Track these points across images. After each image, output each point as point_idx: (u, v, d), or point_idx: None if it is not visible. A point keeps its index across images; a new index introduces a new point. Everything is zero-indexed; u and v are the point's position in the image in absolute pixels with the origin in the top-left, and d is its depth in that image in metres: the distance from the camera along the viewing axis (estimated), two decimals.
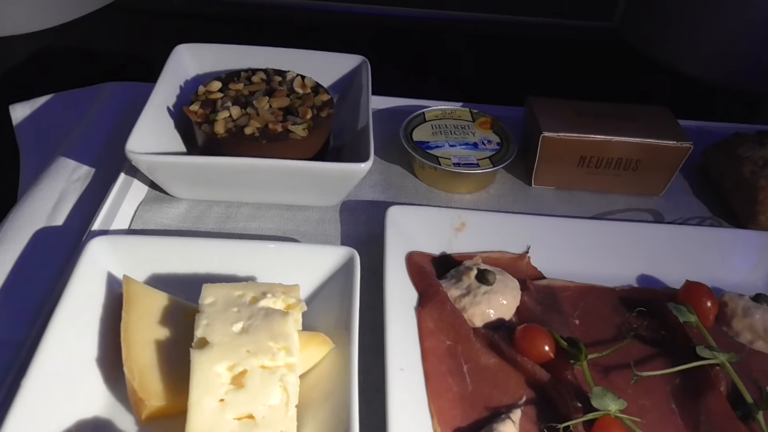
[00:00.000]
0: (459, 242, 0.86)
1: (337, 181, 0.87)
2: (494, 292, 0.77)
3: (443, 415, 0.65)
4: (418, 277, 0.78)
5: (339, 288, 0.74)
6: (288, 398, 0.60)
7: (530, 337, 0.72)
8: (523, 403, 0.68)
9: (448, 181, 0.99)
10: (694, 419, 0.68)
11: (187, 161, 0.86)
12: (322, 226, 0.91)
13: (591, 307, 0.80)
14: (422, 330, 0.73)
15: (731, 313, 0.79)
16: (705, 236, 0.89)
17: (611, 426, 0.63)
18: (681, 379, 0.72)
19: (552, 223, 0.88)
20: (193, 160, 0.86)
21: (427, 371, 0.69)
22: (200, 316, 0.64)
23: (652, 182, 1.02)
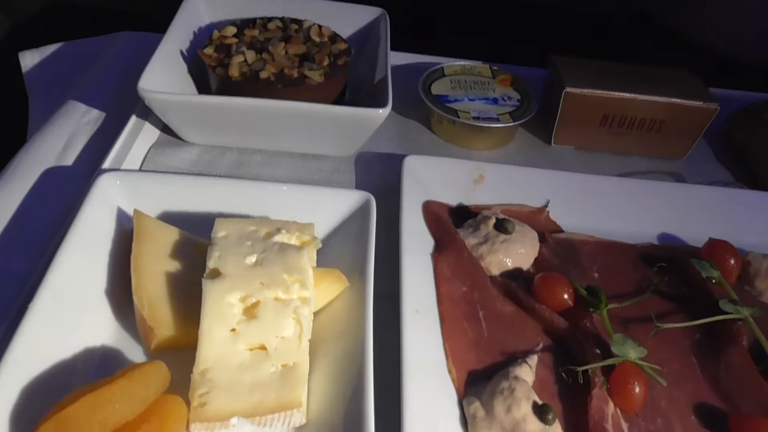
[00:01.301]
0: (477, 194, 0.84)
1: (354, 127, 0.85)
2: (512, 241, 0.75)
3: (458, 356, 0.64)
4: (434, 225, 0.77)
5: (354, 232, 0.72)
6: (301, 331, 0.59)
7: (549, 285, 0.70)
8: (539, 350, 0.67)
9: (466, 135, 0.97)
10: (714, 372, 0.66)
11: (201, 101, 0.84)
12: (336, 176, 0.89)
13: (611, 261, 0.78)
14: (438, 276, 0.71)
15: (755, 273, 0.77)
16: (728, 197, 0.87)
17: (631, 372, 0.61)
18: (701, 333, 0.70)
19: (573, 178, 0.86)
20: (206, 100, 0.84)
21: (443, 315, 0.67)
22: (213, 248, 0.63)
23: (675, 145, 1.00)
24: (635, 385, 0.60)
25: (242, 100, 0.81)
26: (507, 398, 0.58)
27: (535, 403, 0.58)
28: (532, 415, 0.57)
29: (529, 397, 0.58)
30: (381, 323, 0.65)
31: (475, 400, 0.59)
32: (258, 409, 0.54)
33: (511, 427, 0.56)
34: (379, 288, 0.67)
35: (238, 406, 0.54)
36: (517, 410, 0.57)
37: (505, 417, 0.57)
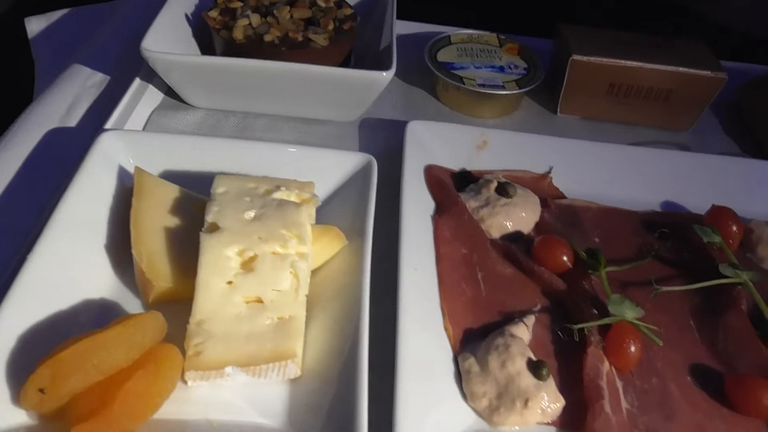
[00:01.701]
0: (480, 160, 0.84)
1: (358, 90, 0.84)
2: (513, 204, 0.74)
3: (455, 315, 0.64)
4: (436, 188, 0.76)
5: (355, 193, 0.72)
6: (298, 284, 0.59)
7: (549, 247, 0.69)
8: (537, 310, 0.67)
9: (471, 103, 0.96)
10: (712, 335, 0.66)
11: (204, 61, 0.84)
12: (339, 141, 0.89)
13: (612, 227, 0.78)
14: (438, 238, 0.71)
15: (757, 240, 0.76)
16: (732, 166, 0.86)
17: (627, 331, 0.61)
18: (701, 297, 0.70)
19: (576, 145, 0.86)
20: (209, 60, 0.84)
21: (441, 274, 0.67)
22: (211, 204, 0.63)
23: (682, 116, 0.98)
24: (630, 344, 0.60)
25: (245, 61, 0.81)
26: (502, 354, 0.58)
27: (529, 359, 0.58)
28: (527, 370, 0.57)
29: (524, 354, 0.58)
30: (379, 282, 0.65)
31: (470, 356, 0.59)
32: (253, 359, 0.54)
33: (505, 382, 0.56)
34: (378, 249, 0.67)
35: (233, 355, 0.54)
36: (512, 366, 0.57)
37: (499, 372, 0.57)
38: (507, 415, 0.55)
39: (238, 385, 0.57)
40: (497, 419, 0.55)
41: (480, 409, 0.56)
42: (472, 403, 0.57)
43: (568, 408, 0.58)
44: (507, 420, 0.55)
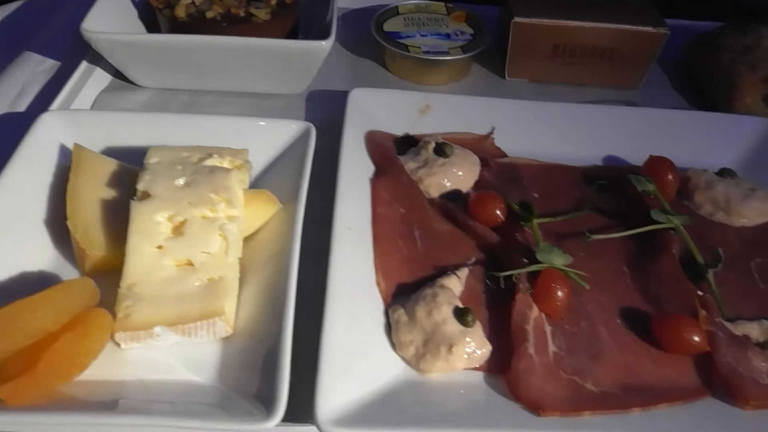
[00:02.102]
0: (423, 124, 0.85)
1: (299, 61, 0.85)
2: (451, 164, 0.75)
3: (388, 271, 0.65)
4: (376, 153, 0.78)
5: (295, 160, 0.73)
6: (228, 246, 0.60)
7: (483, 202, 0.71)
8: (471, 263, 0.68)
9: (418, 70, 0.97)
10: (644, 280, 0.67)
11: (146, 39, 0.85)
12: (286, 112, 0.90)
13: (552, 182, 0.79)
14: (376, 199, 0.72)
15: (694, 187, 0.77)
16: (674, 119, 0.87)
17: (554, 277, 0.62)
18: (635, 244, 0.71)
19: (518, 106, 0.87)
20: (151, 38, 0.86)
21: (376, 234, 0.68)
22: (143, 173, 0.64)
23: (629, 73, 0.99)
24: (558, 289, 0.61)
25: (185, 37, 0.82)
26: (429, 303, 0.59)
27: (456, 307, 0.59)
28: (452, 317, 0.58)
29: (451, 302, 0.59)
30: (315, 245, 0.66)
31: (399, 308, 0.60)
32: (181, 318, 0.56)
33: (431, 329, 0.58)
34: (316, 213, 0.68)
35: (161, 316, 0.56)
36: (438, 314, 0.58)
37: (425, 320, 0.58)
38: (432, 361, 0.56)
39: (171, 345, 0.58)
40: (423, 366, 0.57)
41: (407, 357, 0.58)
42: (400, 351, 0.58)
43: (496, 353, 0.59)
44: (433, 366, 0.56)
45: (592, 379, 0.57)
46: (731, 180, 0.77)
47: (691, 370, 0.59)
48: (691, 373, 0.59)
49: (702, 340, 0.59)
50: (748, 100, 0.91)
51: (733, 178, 0.78)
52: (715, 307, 0.64)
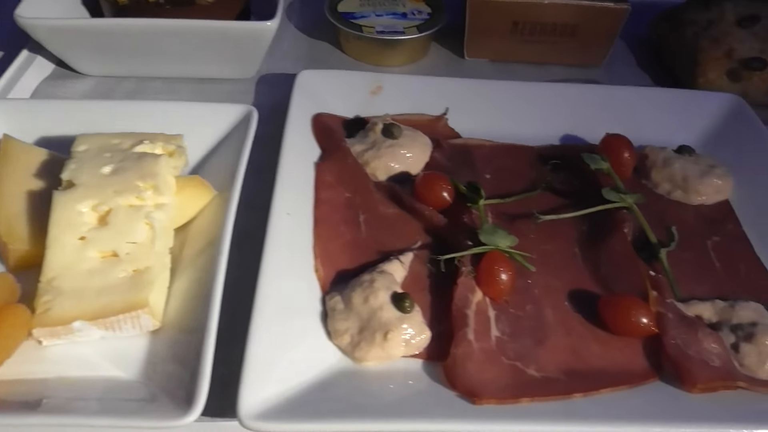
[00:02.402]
0: (374, 105, 0.82)
1: (244, 43, 0.82)
2: (399, 145, 0.73)
3: (328, 257, 0.62)
4: (322, 135, 0.75)
5: (236, 145, 0.70)
6: (154, 235, 0.58)
7: (429, 184, 0.68)
8: (417, 248, 0.65)
9: (373, 52, 0.94)
10: (596, 261, 0.65)
11: (83, 24, 0.82)
12: (235, 97, 0.87)
13: (506, 163, 0.76)
14: (319, 182, 0.69)
15: (651, 165, 0.75)
16: (635, 96, 0.84)
17: (498, 260, 0.60)
18: (588, 224, 0.69)
19: (473, 85, 0.84)
20: (88, 23, 0.82)
21: (318, 218, 0.66)
22: (69, 162, 0.62)
23: (592, 51, 0.97)
24: (501, 272, 0.59)
25: (119, 21, 0.80)
26: (366, 290, 0.57)
27: (394, 292, 0.57)
28: (389, 303, 0.56)
29: (389, 288, 0.57)
30: (254, 233, 0.64)
31: (336, 295, 0.58)
32: (103, 311, 0.53)
33: (368, 316, 0.55)
34: (257, 200, 0.65)
35: (81, 310, 0.53)
36: (374, 300, 0.56)
37: (362, 307, 0.56)
38: (368, 349, 0.54)
39: (96, 341, 0.55)
40: (359, 354, 0.54)
41: (343, 345, 0.55)
42: (335, 340, 0.56)
43: (437, 340, 0.57)
44: (368, 355, 0.54)
45: (535, 364, 0.55)
46: (689, 157, 0.75)
47: (639, 354, 0.57)
48: (639, 357, 0.57)
49: (650, 322, 0.57)
50: (712, 75, 0.89)
51: (691, 155, 0.75)
52: (668, 287, 0.61)
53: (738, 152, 0.78)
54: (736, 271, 0.65)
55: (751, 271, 0.66)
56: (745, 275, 0.65)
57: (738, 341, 0.57)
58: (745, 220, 0.72)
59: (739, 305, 0.60)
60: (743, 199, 0.74)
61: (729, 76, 0.89)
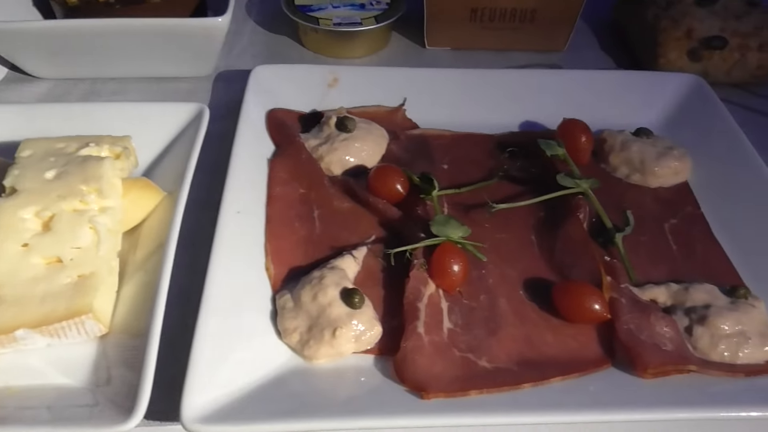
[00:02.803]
0: (331, 98, 0.81)
1: (196, 40, 0.81)
2: (354, 138, 0.72)
3: (280, 254, 0.62)
4: (276, 131, 0.74)
5: (189, 145, 0.69)
6: (99, 239, 0.57)
7: (382, 176, 0.67)
8: (371, 242, 0.65)
9: (332, 44, 0.93)
10: (551, 249, 0.65)
11: (32, 26, 0.80)
12: (191, 96, 0.86)
13: (464, 152, 0.76)
14: (273, 179, 0.69)
15: (609, 149, 0.75)
16: (596, 80, 0.84)
17: (449, 251, 0.59)
18: (545, 212, 0.68)
19: (431, 74, 0.83)
20: (37, 25, 0.81)
21: (270, 216, 0.65)
22: (12, 168, 0.60)
23: (553, 36, 0.96)
24: (453, 263, 0.58)
25: (67, 22, 0.78)
26: (315, 287, 0.56)
27: (344, 288, 0.56)
28: (339, 300, 0.55)
29: (339, 284, 0.56)
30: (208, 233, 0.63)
31: (286, 293, 0.57)
32: (46, 318, 0.52)
33: (317, 313, 0.55)
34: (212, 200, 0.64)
35: (24, 318, 0.52)
36: (323, 297, 0.55)
37: (311, 305, 0.55)
38: (317, 347, 0.53)
39: (43, 348, 0.55)
40: (308, 353, 0.54)
41: (293, 344, 0.55)
42: (285, 339, 0.55)
43: (389, 334, 0.56)
44: (318, 352, 0.53)
45: (487, 355, 0.55)
46: (647, 140, 0.74)
47: (594, 340, 0.57)
48: (593, 343, 0.56)
49: (602, 308, 0.56)
50: (672, 55, 0.88)
51: (649, 138, 0.75)
52: (623, 272, 0.61)
53: (698, 133, 0.78)
54: (692, 254, 0.65)
55: (708, 252, 0.65)
56: (702, 257, 0.65)
57: (692, 324, 0.56)
58: (704, 201, 0.72)
59: (693, 288, 0.59)
60: (702, 181, 0.74)
61: (689, 55, 0.88)
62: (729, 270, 0.63)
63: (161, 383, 0.54)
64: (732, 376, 0.53)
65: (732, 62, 0.88)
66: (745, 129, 0.77)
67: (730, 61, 0.88)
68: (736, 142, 0.73)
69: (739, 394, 0.52)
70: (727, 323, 0.55)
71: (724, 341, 0.55)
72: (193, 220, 0.68)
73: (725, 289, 0.59)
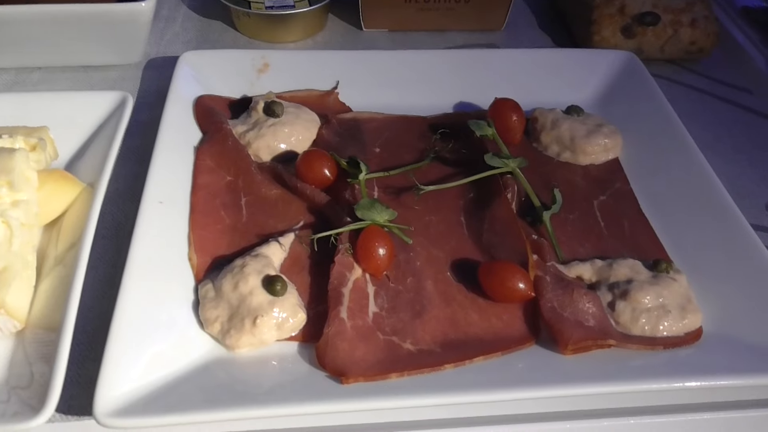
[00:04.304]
0: (262, 84, 0.80)
1: (120, 26, 0.79)
2: (282, 123, 0.71)
3: (204, 244, 0.61)
4: (203, 118, 0.72)
5: (112, 134, 0.67)
6: (11, 233, 0.55)
7: (309, 161, 0.67)
8: (299, 228, 0.64)
9: (267, 28, 0.91)
10: (479, 229, 0.64)
11: None
12: (120, 85, 0.84)
13: (396, 135, 0.75)
14: (199, 167, 0.67)
15: (541, 128, 0.75)
16: (529, 58, 0.84)
17: (375, 235, 0.59)
18: (474, 192, 0.68)
19: (363, 57, 0.82)
20: None
21: (194, 205, 0.64)
22: None
23: (490, 15, 0.95)
24: (378, 247, 0.58)
25: None
26: (236, 275, 0.55)
27: (266, 276, 0.55)
28: (260, 288, 0.54)
29: (261, 272, 0.55)
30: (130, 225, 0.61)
31: (208, 283, 0.56)
32: None
33: (238, 302, 0.54)
34: (136, 190, 0.63)
35: None
36: (244, 285, 0.54)
37: (232, 294, 0.54)
38: (238, 336, 0.52)
39: None
40: (230, 342, 0.53)
41: (214, 334, 0.54)
42: (207, 329, 0.54)
43: (315, 321, 0.55)
44: (239, 342, 0.53)
45: (411, 337, 0.54)
46: (578, 117, 0.75)
47: (519, 319, 0.57)
48: (519, 322, 0.57)
49: (526, 287, 0.56)
50: (606, 33, 0.89)
51: (580, 116, 0.75)
52: (550, 250, 0.61)
53: (629, 109, 0.78)
54: (620, 230, 0.66)
55: (635, 228, 0.66)
56: (630, 233, 0.65)
57: (614, 299, 0.57)
58: (634, 177, 0.72)
59: (617, 263, 0.60)
60: (633, 157, 0.74)
61: (623, 32, 0.89)
62: (655, 245, 0.64)
63: (83, 378, 0.53)
64: (651, 349, 0.54)
65: (665, 38, 0.89)
66: (678, 104, 0.78)
67: (663, 37, 0.89)
68: (666, 118, 0.74)
69: (660, 367, 0.53)
70: (648, 297, 0.56)
71: (644, 315, 0.55)
72: (118, 212, 0.67)
73: (648, 263, 0.60)
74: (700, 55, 0.90)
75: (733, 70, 0.91)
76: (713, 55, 0.91)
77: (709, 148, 0.76)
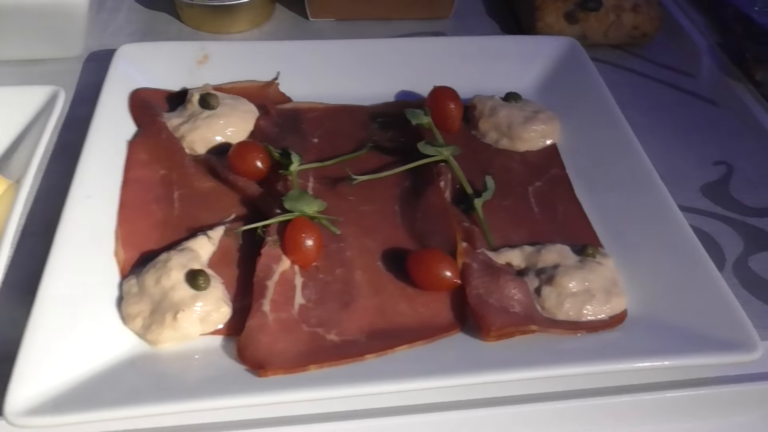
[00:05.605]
0: (202, 76, 0.79)
1: (54, 19, 0.78)
2: (217, 115, 0.70)
3: (132, 239, 0.60)
4: (138, 112, 0.72)
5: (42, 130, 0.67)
6: None
7: (241, 153, 0.66)
8: (230, 221, 0.63)
9: (210, 19, 0.91)
10: (412, 218, 0.64)
11: None
12: (58, 79, 0.82)
13: (336, 125, 0.75)
14: (131, 161, 0.67)
15: (479, 115, 0.75)
16: (472, 45, 0.84)
17: (302, 226, 0.58)
18: (409, 182, 0.68)
19: (305, 47, 0.82)
20: None
21: (124, 200, 0.63)
22: None
23: (438, 3, 0.95)
24: (305, 239, 0.58)
25: None
26: (159, 270, 0.55)
27: (189, 270, 0.55)
28: (183, 282, 0.54)
29: (185, 266, 0.55)
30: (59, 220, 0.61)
31: (132, 278, 0.56)
32: None
33: (160, 297, 0.53)
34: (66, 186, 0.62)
35: None
36: (167, 280, 0.54)
37: (154, 289, 0.54)
38: (159, 331, 0.52)
39: None
40: (151, 337, 0.52)
41: (136, 330, 0.53)
42: (129, 325, 0.54)
43: (240, 314, 0.55)
44: (161, 337, 0.52)
45: (337, 328, 0.54)
46: (516, 104, 0.75)
47: (446, 307, 0.57)
48: (446, 310, 0.57)
49: (453, 275, 0.56)
50: (550, 19, 0.89)
51: (518, 102, 0.75)
52: (481, 237, 0.61)
53: (570, 95, 0.78)
54: (553, 215, 0.66)
55: (567, 213, 0.66)
56: (562, 218, 0.66)
57: (541, 284, 0.57)
58: (571, 163, 0.72)
59: (545, 249, 0.60)
60: (571, 143, 0.74)
61: (567, 18, 0.89)
62: (587, 230, 0.64)
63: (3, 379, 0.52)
64: (574, 333, 0.54)
65: (608, 23, 0.89)
66: (621, 89, 0.78)
67: (606, 23, 0.89)
68: (603, 103, 0.74)
69: (583, 351, 0.53)
70: (573, 282, 0.56)
71: (569, 300, 0.55)
72: (48, 209, 0.66)
73: (577, 248, 0.60)
74: (644, 39, 0.90)
75: (676, 54, 0.91)
76: (657, 40, 0.91)
77: (650, 132, 0.76)
